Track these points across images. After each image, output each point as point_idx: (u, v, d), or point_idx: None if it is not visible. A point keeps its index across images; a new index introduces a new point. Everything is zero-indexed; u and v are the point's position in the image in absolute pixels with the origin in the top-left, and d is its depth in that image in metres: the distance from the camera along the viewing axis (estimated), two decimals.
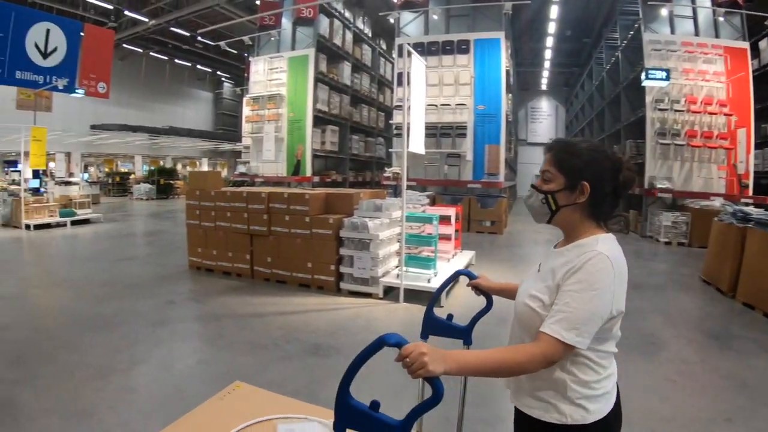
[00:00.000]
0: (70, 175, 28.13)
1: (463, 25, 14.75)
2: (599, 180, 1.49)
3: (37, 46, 13.55)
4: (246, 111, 17.54)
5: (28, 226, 14.44)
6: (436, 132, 13.79)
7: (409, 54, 6.90)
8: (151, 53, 33.66)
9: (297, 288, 7.28)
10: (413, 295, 6.61)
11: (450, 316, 2.07)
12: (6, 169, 31.70)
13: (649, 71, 13.46)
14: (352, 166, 20.00)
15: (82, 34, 15.11)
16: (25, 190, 15.89)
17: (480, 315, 2.02)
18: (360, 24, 20.55)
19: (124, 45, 30.49)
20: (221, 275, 8.13)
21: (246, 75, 20.52)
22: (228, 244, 8.04)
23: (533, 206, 1.61)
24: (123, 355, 4.81)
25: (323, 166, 18.26)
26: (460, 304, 6.45)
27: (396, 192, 13.63)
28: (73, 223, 15.75)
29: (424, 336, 1.99)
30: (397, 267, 7.09)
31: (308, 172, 16.14)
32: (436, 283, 6.55)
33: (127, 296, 7.03)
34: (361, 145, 20.83)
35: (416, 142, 7.49)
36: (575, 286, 1.39)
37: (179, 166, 40.33)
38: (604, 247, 1.44)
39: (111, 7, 23.49)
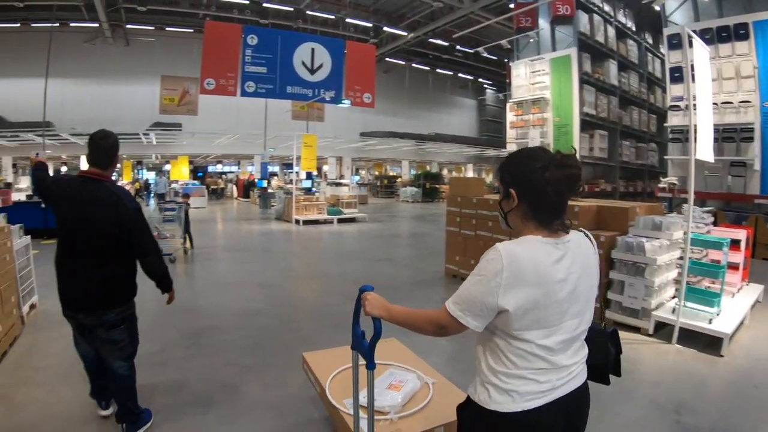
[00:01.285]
0: (341, 177, 31.36)
1: (738, 4, 11.93)
2: (527, 184, 1.53)
3: (304, 64, 15.39)
4: (510, 116, 17.04)
5: (297, 221, 16.31)
6: (717, 135, 11.25)
7: (690, 42, 5.44)
8: (413, 65, 35.81)
9: None
10: (689, 337, 5.08)
11: None
12: (285, 171, 36.81)
13: None
14: (621, 175, 18.03)
15: (344, 51, 16.48)
16: (298, 189, 17.85)
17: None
18: (621, 17, 18.41)
19: (387, 59, 33.02)
20: None
21: (508, 80, 20.14)
22: None
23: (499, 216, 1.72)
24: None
25: (591, 174, 16.73)
26: (748, 352, 4.82)
27: (671, 206, 11.55)
28: (340, 221, 17.18)
29: None
30: (673, 299, 5.68)
31: None
32: (718, 326, 4.94)
33: None
34: (632, 151, 18.54)
35: (704, 148, 5.85)
36: (473, 271, 1.52)
37: (444, 171, 41.90)
38: (509, 245, 1.48)
39: (370, 24, 25.51)
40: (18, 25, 25.13)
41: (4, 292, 4.69)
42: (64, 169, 32.82)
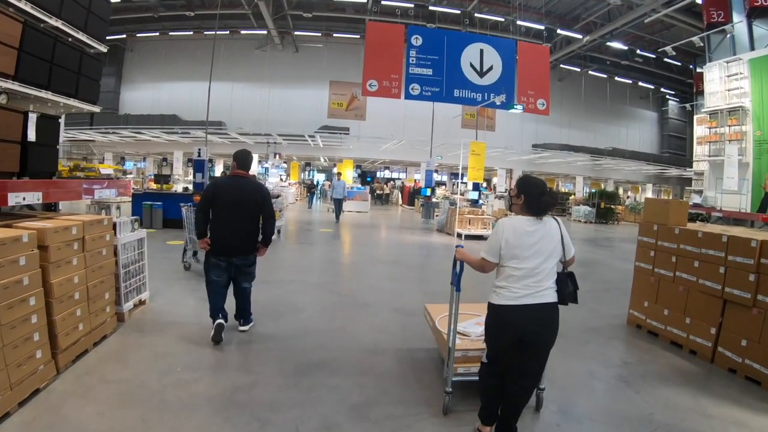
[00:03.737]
0: (510, 190, 29.70)
1: None
2: (530, 197, 3.07)
3: (472, 66, 14.39)
4: (699, 130, 14.38)
5: (459, 235, 15.12)
6: None
7: None
8: (589, 72, 32.78)
9: None
10: None
11: None
12: (453, 180, 36.21)
13: None
14: None
15: (516, 52, 15.30)
16: (463, 200, 16.74)
17: None
18: None
19: (561, 65, 30.67)
20: (668, 345, 5.65)
21: (695, 89, 17.40)
22: (688, 305, 5.56)
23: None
24: None
25: None
26: None
27: None
28: None
29: None
30: None
31: None
32: None
33: None
34: None
35: None
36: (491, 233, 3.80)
37: (620, 190, 37.90)
38: (505, 219, 3.14)
39: (542, 27, 23.44)
40: (191, 33, 28.56)
41: (92, 290, 4.36)
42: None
